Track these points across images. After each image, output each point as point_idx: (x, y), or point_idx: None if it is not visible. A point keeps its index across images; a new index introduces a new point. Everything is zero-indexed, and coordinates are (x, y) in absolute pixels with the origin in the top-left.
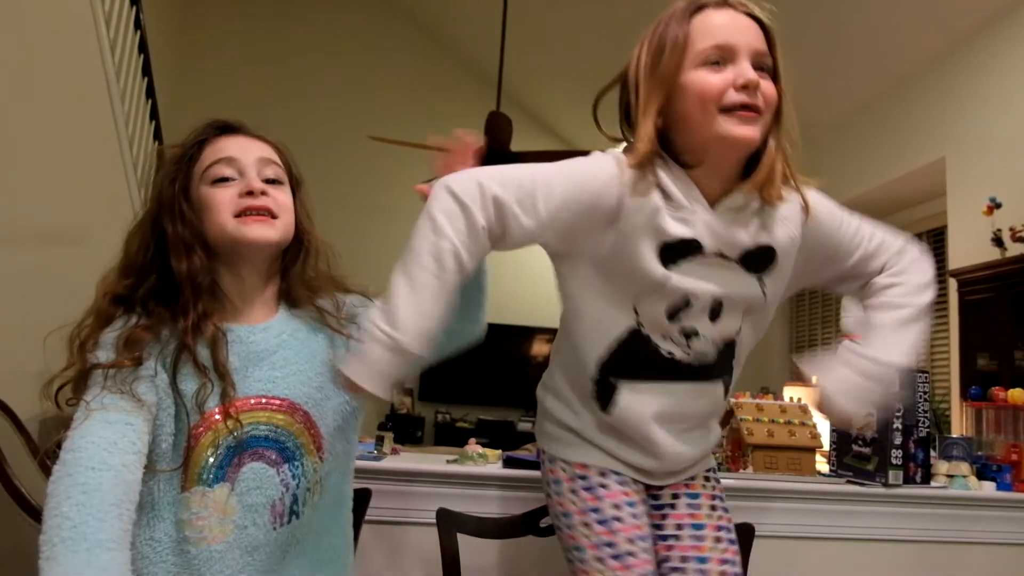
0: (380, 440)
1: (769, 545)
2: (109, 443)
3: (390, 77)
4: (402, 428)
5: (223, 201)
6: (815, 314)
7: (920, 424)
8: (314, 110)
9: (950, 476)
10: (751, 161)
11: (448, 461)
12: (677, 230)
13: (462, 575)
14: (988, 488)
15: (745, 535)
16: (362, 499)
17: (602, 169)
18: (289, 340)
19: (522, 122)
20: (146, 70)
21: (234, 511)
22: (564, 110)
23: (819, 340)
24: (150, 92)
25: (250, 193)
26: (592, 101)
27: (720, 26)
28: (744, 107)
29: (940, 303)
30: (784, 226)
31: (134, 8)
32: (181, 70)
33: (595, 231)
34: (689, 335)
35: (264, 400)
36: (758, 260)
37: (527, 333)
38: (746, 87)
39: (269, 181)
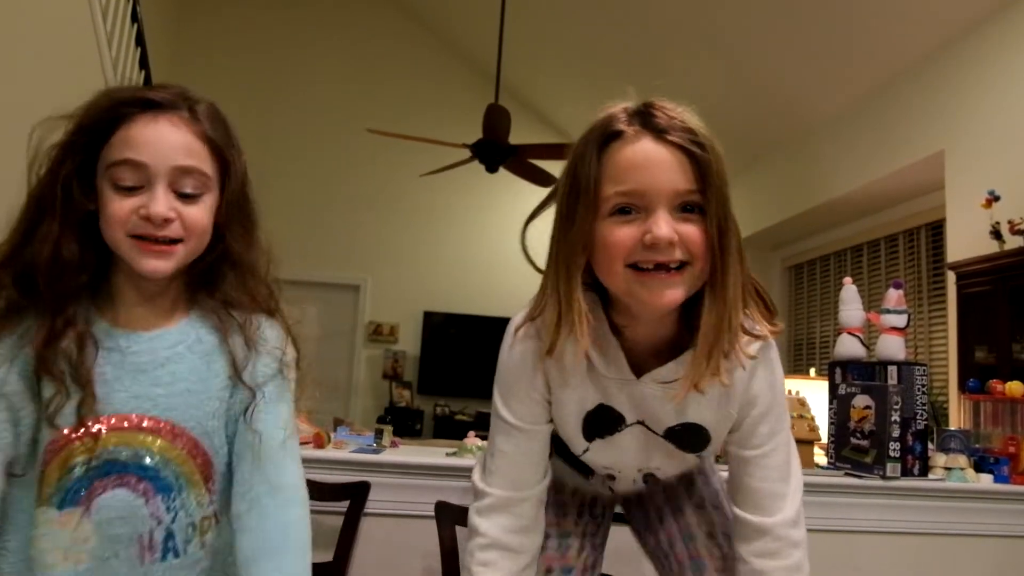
0: (379, 433)
1: None
2: None
3: (389, 69)
4: (401, 421)
5: (119, 214)
6: (813, 309)
7: (918, 417)
8: (312, 102)
9: (948, 468)
10: (691, 307)
11: (447, 454)
12: (597, 399)
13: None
14: (986, 480)
15: None
16: (361, 492)
17: (524, 362)
18: (185, 353)
19: (520, 114)
20: (143, 63)
21: (89, 539)
22: (562, 102)
23: (817, 334)
24: (147, 84)
25: (150, 219)
26: (590, 93)
27: (631, 166)
28: (657, 266)
29: (938, 296)
30: (717, 404)
31: (131, 1)
32: (178, 61)
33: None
34: (614, 479)
35: (140, 420)
36: (685, 438)
37: None
38: (655, 245)
39: (184, 195)
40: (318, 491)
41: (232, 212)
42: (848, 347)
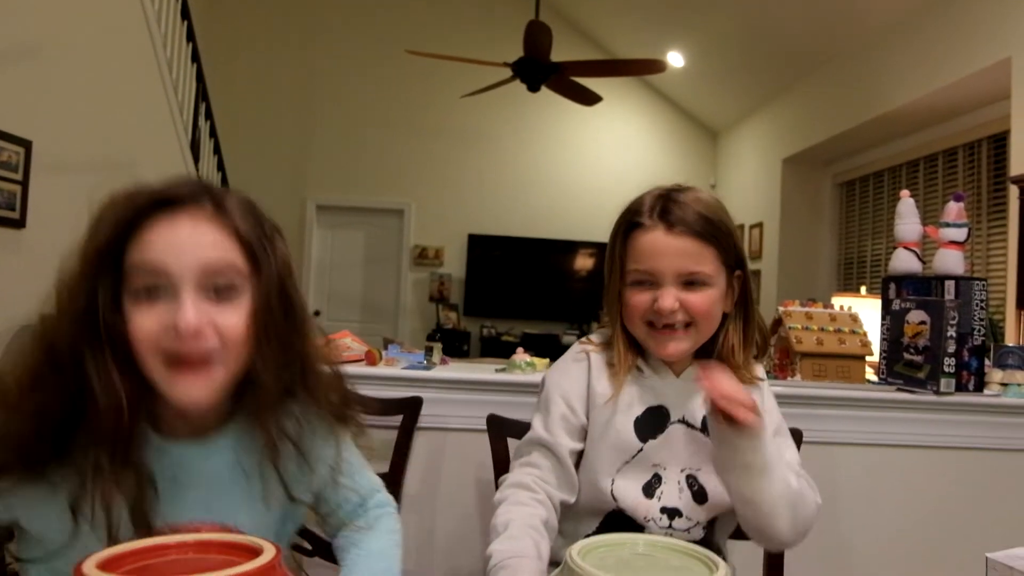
0: (429, 351)
1: (817, 450)
2: None
3: None
4: (448, 342)
5: (143, 332)
6: (865, 226)
7: (975, 332)
8: (349, 26)
9: (1004, 384)
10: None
11: (496, 370)
12: (645, 401)
13: None
14: None
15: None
16: (413, 406)
17: (574, 374)
18: (236, 459)
19: (562, 31)
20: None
21: None
22: (603, 17)
23: (868, 252)
24: (185, 13)
25: (179, 332)
26: (633, 6)
27: (645, 252)
28: (665, 326)
29: (999, 210)
30: None
31: None
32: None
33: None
34: (673, 516)
35: (196, 529)
36: None
37: (570, 247)
38: (660, 312)
39: (219, 290)
40: (371, 406)
41: (269, 318)
42: (904, 262)
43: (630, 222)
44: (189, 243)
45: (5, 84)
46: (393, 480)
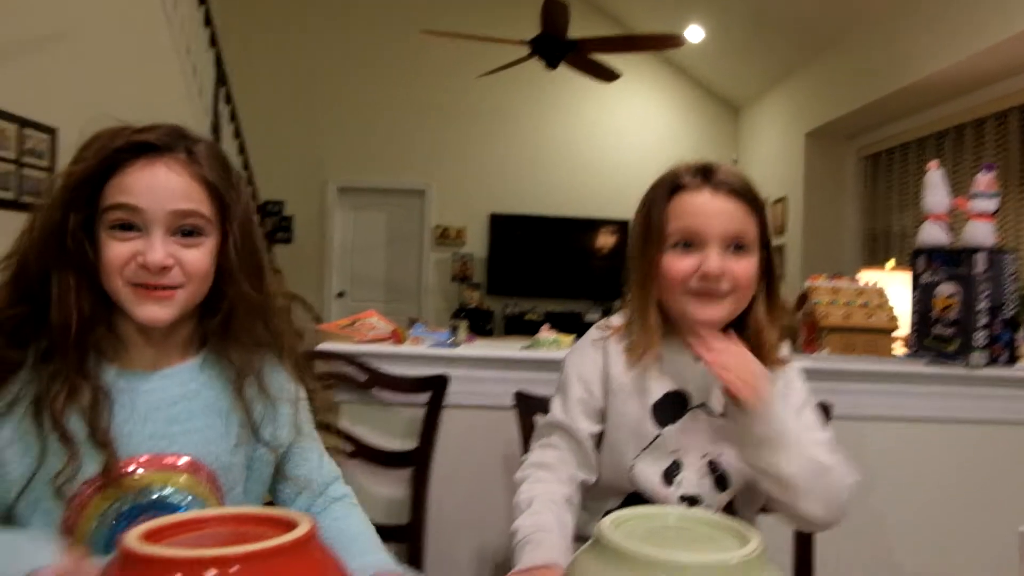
0: (455, 329)
1: (847, 425)
2: None
3: None
4: (472, 321)
5: (117, 260)
6: (890, 200)
7: (1007, 305)
8: (367, 7)
9: None
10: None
11: (522, 347)
12: (664, 386)
13: None
14: None
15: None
16: (440, 384)
17: (592, 357)
18: (198, 390)
19: (578, 7)
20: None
21: None
22: None
23: (894, 226)
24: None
25: (148, 267)
26: None
27: (691, 212)
28: (707, 292)
29: None
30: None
31: None
32: None
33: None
34: (692, 504)
35: (160, 459)
36: None
37: (593, 225)
38: (707, 276)
39: (186, 232)
40: (399, 384)
41: (234, 256)
42: (933, 234)
43: (673, 185)
44: (163, 190)
45: (30, 74)
46: (421, 457)
